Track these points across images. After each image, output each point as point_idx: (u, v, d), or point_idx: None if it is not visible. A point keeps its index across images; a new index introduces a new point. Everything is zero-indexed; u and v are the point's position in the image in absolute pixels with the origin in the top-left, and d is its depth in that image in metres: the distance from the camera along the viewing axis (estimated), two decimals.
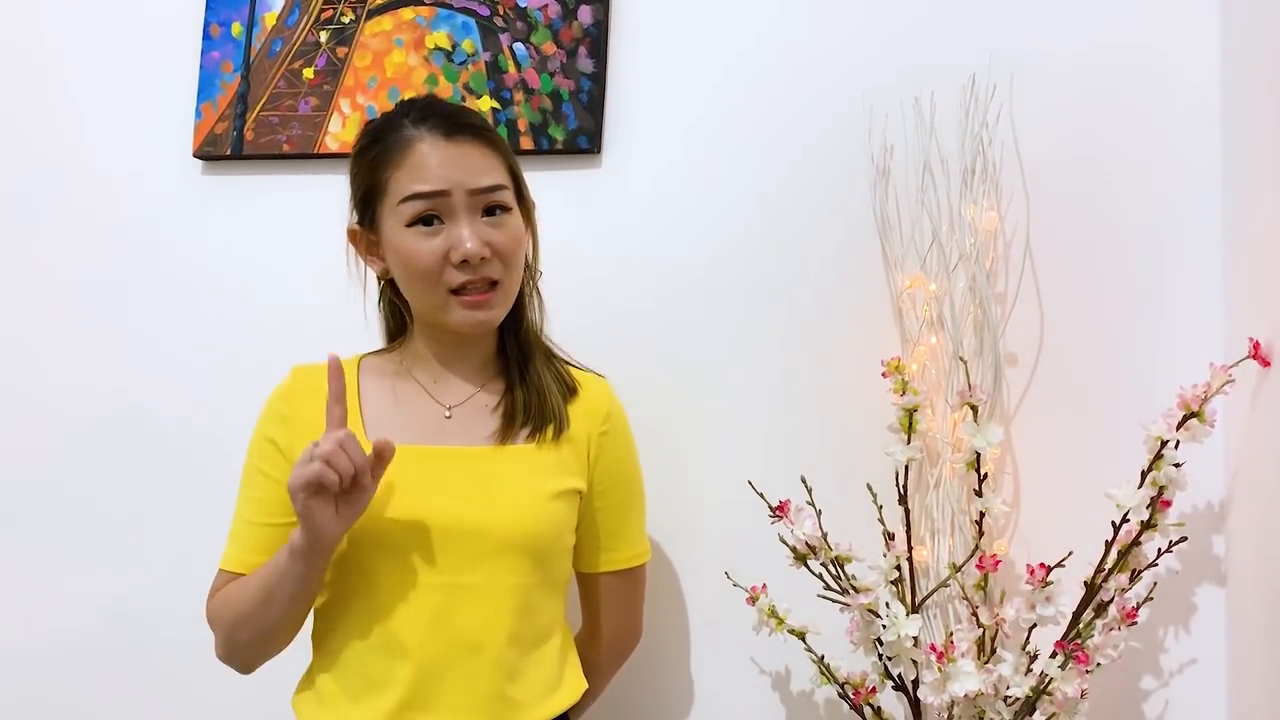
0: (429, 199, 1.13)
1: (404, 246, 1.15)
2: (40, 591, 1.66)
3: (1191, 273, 1.35)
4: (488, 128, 1.21)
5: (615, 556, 1.27)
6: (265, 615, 1.11)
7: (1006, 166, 1.40)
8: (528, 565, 1.14)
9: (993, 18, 1.43)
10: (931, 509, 1.34)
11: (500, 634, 1.12)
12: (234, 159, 1.66)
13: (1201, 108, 1.37)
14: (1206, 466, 1.28)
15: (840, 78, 1.47)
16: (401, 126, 1.16)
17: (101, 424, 1.67)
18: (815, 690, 1.40)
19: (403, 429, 1.17)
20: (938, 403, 1.35)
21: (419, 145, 1.14)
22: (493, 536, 1.12)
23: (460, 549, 1.12)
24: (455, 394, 1.22)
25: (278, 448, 1.18)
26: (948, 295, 1.34)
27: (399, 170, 1.14)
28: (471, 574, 1.12)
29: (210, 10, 1.69)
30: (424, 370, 1.23)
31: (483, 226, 1.15)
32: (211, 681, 1.52)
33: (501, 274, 1.17)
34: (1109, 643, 1.20)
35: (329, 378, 1.08)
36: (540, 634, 1.17)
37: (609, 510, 1.25)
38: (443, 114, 1.17)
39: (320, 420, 1.14)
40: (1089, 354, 1.37)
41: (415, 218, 1.14)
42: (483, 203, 1.16)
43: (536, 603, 1.16)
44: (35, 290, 1.73)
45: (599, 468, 1.23)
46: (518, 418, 1.19)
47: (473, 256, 1.13)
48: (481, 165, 1.16)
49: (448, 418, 1.20)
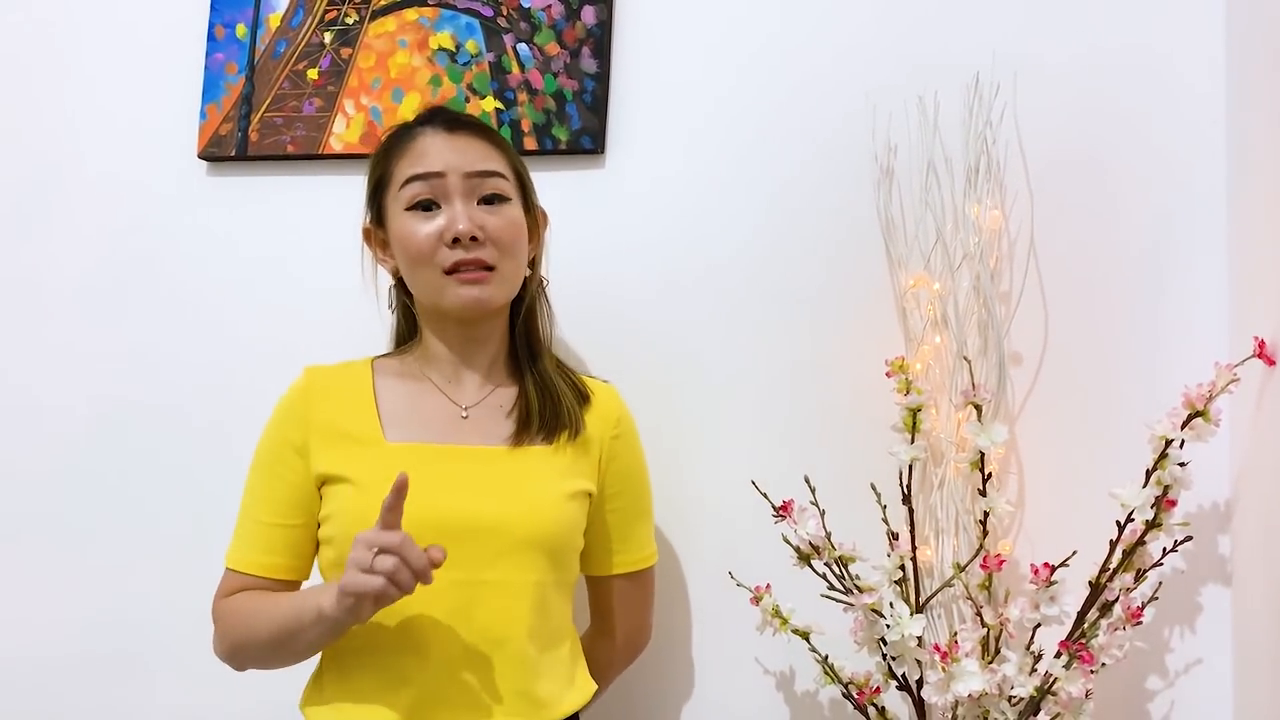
0: (425, 180, 1.18)
1: (403, 230, 1.19)
2: (43, 594, 1.66)
3: (1196, 271, 1.35)
4: (493, 130, 1.26)
5: (626, 559, 1.28)
6: (274, 654, 1.12)
7: (1010, 165, 1.40)
8: (545, 563, 1.15)
9: (996, 17, 1.43)
10: (935, 509, 1.33)
11: (521, 629, 1.13)
12: (238, 160, 1.66)
13: (1206, 106, 1.36)
14: (1212, 465, 1.28)
15: (844, 77, 1.47)
16: (410, 125, 1.24)
17: (106, 425, 1.67)
18: (819, 690, 1.40)
19: (421, 428, 1.19)
20: (942, 402, 1.35)
21: (421, 137, 1.21)
22: (512, 533, 1.13)
23: (480, 546, 1.12)
24: (470, 394, 1.23)
25: (293, 447, 1.18)
26: (952, 294, 1.34)
27: (402, 159, 1.20)
28: (491, 570, 1.12)
29: (215, 12, 1.69)
30: (437, 371, 1.24)
31: (477, 210, 1.19)
32: (212, 685, 1.53)
33: (496, 259, 1.18)
34: (1114, 643, 1.20)
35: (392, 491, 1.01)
36: (555, 633, 1.18)
37: (620, 513, 1.27)
38: (448, 113, 1.24)
39: (338, 420, 1.15)
40: (1093, 353, 1.37)
41: (413, 201, 1.18)
42: (479, 187, 1.19)
43: (551, 601, 1.17)
44: (39, 291, 1.73)
45: (610, 471, 1.24)
46: (533, 421, 1.20)
47: (463, 235, 1.16)
48: (480, 153, 1.21)
49: (464, 418, 1.21)
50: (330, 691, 1.15)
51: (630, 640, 1.34)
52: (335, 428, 1.16)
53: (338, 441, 1.17)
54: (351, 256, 1.33)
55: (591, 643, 1.30)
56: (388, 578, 0.99)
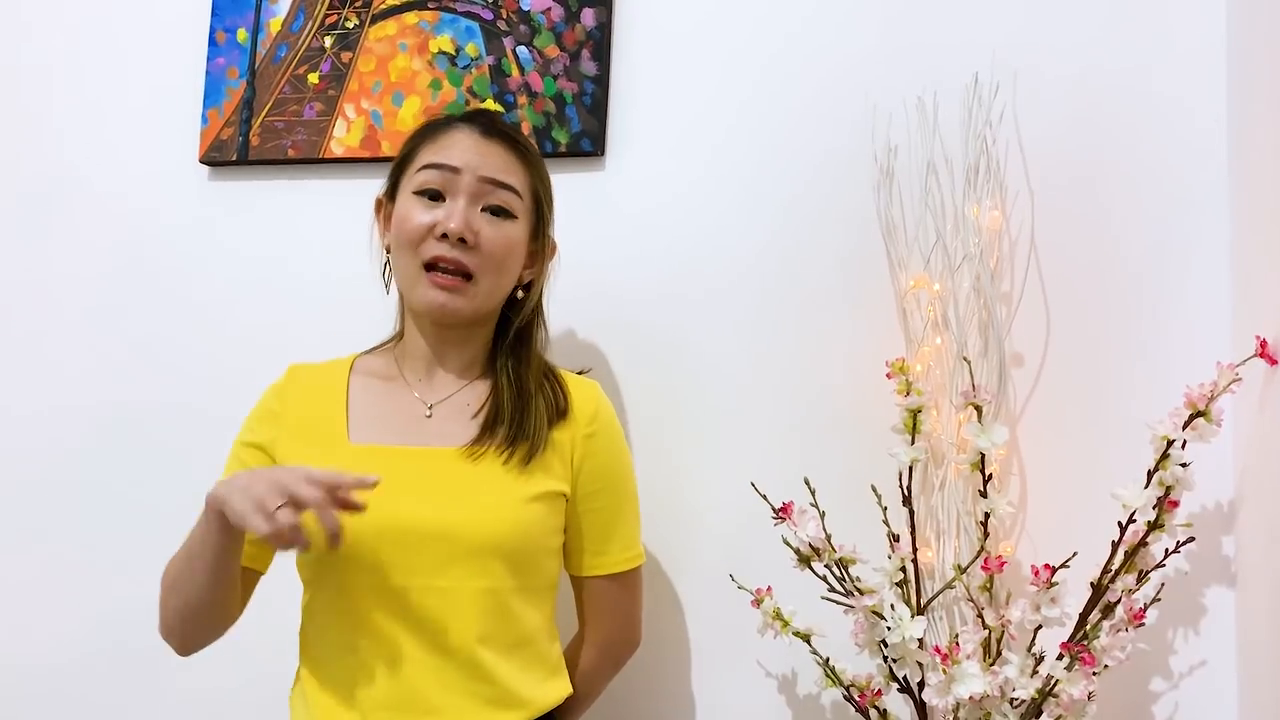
0: (440, 170, 1.19)
1: (403, 210, 1.20)
2: (47, 599, 1.67)
3: (1198, 270, 1.34)
4: (528, 150, 1.25)
5: (605, 560, 1.25)
6: (188, 581, 1.12)
7: (1010, 166, 1.40)
8: (501, 569, 1.14)
9: (995, 17, 1.43)
10: (936, 510, 1.33)
11: (470, 636, 1.12)
12: (239, 164, 1.67)
13: (1208, 104, 1.36)
14: (1214, 466, 1.27)
15: (843, 78, 1.47)
16: (451, 117, 1.26)
17: (109, 429, 1.67)
18: (821, 693, 1.39)
19: (384, 429, 1.19)
20: (942, 403, 1.34)
21: (455, 131, 1.23)
22: (462, 540, 1.13)
23: (431, 552, 1.12)
24: (439, 390, 1.23)
25: (261, 442, 1.20)
26: (952, 295, 1.34)
27: (428, 145, 1.22)
28: (442, 577, 1.12)
29: (216, 16, 1.70)
30: (411, 368, 1.24)
31: (478, 215, 1.19)
32: (208, 689, 1.53)
33: (478, 269, 1.18)
34: (1116, 644, 1.19)
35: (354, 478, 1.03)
36: (521, 638, 1.16)
37: (597, 513, 1.24)
38: (489, 118, 1.25)
39: (308, 418, 1.16)
40: (1094, 353, 1.36)
41: (423, 186, 1.20)
42: (488, 195, 1.19)
43: (513, 607, 1.15)
44: (41, 295, 1.73)
45: (584, 470, 1.22)
46: (498, 430, 1.18)
47: (452, 233, 1.16)
48: (503, 164, 1.21)
49: (428, 416, 1.21)
50: (307, 687, 1.16)
51: (614, 644, 1.30)
52: (304, 427, 1.17)
53: (304, 441, 1.18)
54: (353, 260, 1.34)
55: (576, 646, 1.29)
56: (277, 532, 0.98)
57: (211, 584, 1.11)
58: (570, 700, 1.22)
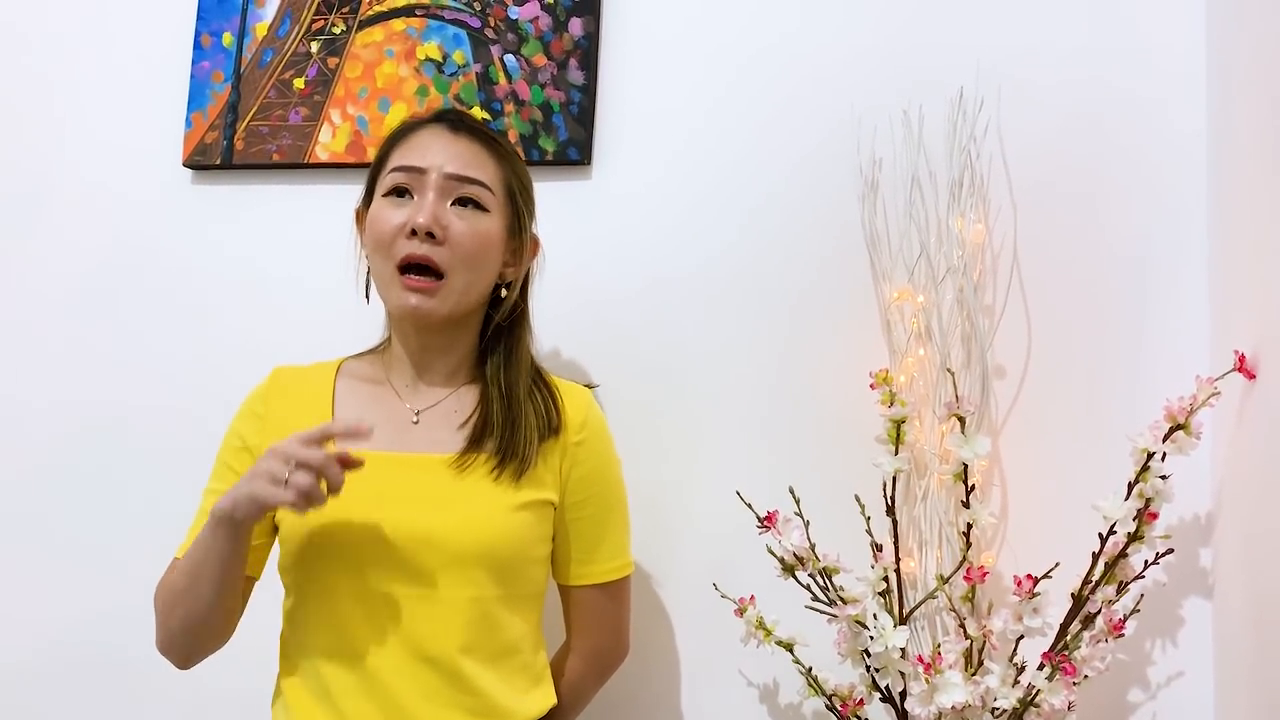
0: (407, 172, 1.19)
1: (375, 214, 1.20)
2: (32, 599, 1.65)
3: (1177, 285, 1.36)
4: (500, 144, 1.24)
5: (593, 570, 1.24)
6: (193, 594, 1.11)
7: (994, 179, 1.41)
8: (486, 578, 1.13)
9: (980, 32, 1.44)
10: (919, 520, 1.34)
11: (453, 645, 1.11)
12: (224, 169, 1.66)
13: (1187, 121, 1.38)
14: (1193, 479, 1.29)
15: (829, 91, 1.48)
16: (420, 119, 1.25)
17: (91, 434, 1.66)
18: (803, 702, 1.39)
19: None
20: (925, 414, 1.35)
21: (423, 131, 1.22)
22: (446, 548, 1.12)
23: (415, 560, 1.11)
24: (425, 397, 1.22)
25: (247, 446, 1.19)
26: (936, 307, 1.35)
27: (398, 148, 1.22)
28: (426, 586, 1.11)
29: (201, 20, 1.69)
30: (397, 373, 1.23)
31: (446, 209, 1.18)
32: (204, 686, 1.52)
33: (449, 266, 1.16)
34: (1096, 655, 1.20)
35: (344, 426, 1.07)
36: (505, 647, 1.15)
37: (584, 522, 1.22)
38: (457, 115, 1.25)
39: (293, 421, 1.15)
40: (1076, 366, 1.37)
41: (392, 188, 1.19)
42: (456, 189, 1.19)
43: (498, 616, 1.14)
44: (24, 299, 1.72)
45: (573, 478, 1.21)
46: (486, 442, 1.17)
47: (420, 228, 1.15)
48: (471, 159, 1.20)
49: (415, 423, 1.20)
50: (287, 694, 1.15)
51: (597, 656, 1.28)
52: (288, 429, 1.15)
53: None
54: (337, 264, 1.33)
55: (563, 655, 1.28)
56: (301, 494, 1.01)
57: (219, 594, 1.11)
58: (555, 710, 1.21)
